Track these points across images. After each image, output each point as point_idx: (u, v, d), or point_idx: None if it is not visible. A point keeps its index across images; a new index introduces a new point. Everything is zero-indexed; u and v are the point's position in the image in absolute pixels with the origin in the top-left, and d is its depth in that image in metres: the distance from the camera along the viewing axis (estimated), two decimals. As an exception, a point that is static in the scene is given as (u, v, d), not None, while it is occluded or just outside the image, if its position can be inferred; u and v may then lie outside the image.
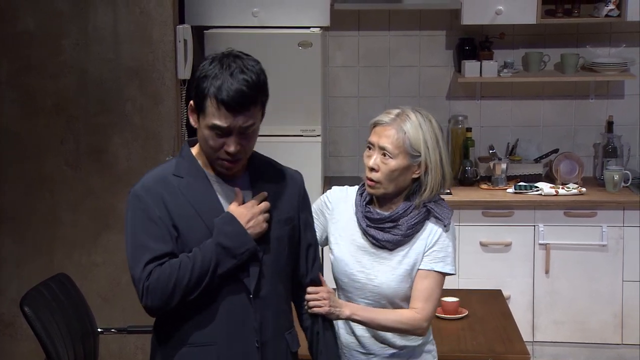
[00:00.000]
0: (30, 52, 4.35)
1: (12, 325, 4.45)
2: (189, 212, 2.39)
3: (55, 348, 3.35)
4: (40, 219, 4.43)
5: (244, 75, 2.32)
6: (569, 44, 5.39)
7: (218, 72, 2.32)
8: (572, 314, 5.07)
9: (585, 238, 5.02)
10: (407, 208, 2.72)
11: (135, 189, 2.43)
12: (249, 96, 2.33)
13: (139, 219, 2.39)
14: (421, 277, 2.71)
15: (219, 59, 2.36)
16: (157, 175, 2.44)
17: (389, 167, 2.67)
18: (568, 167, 5.33)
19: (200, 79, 2.34)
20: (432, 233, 2.73)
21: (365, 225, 2.73)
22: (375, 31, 5.46)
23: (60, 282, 3.64)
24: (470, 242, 5.05)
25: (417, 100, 5.51)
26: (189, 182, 2.42)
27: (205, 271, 2.34)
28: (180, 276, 2.33)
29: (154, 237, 2.36)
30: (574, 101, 5.48)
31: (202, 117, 2.35)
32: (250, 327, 2.42)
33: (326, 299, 2.57)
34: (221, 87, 2.30)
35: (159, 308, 2.38)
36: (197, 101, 2.36)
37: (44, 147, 4.40)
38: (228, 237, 2.35)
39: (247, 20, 4.89)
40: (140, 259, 2.36)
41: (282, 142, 4.84)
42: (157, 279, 2.34)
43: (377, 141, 2.69)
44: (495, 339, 3.45)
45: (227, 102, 2.31)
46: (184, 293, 2.35)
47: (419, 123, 2.69)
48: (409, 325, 2.69)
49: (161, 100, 4.38)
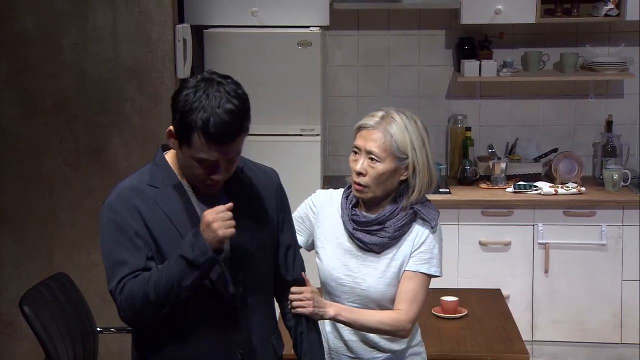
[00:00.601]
0: (30, 52, 4.35)
1: (11, 325, 4.45)
2: (166, 225, 2.33)
3: (55, 348, 3.35)
4: (40, 219, 4.43)
5: (230, 105, 2.24)
6: (568, 43, 5.39)
7: (205, 104, 2.23)
8: (571, 314, 5.07)
9: (584, 237, 5.01)
10: (394, 210, 2.69)
11: (109, 200, 2.36)
12: (236, 127, 2.25)
13: (115, 233, 2.32)
14: (407, 279, 2.69)
15: (203, 88, 2.25)
16: (132, 186, 2.37)
17: (377, 171, 2.65)
18: (568, 166, 5.32)
19: (185, 112, 2.24)
20: (419, 235, 2.71)
21: (352, 229, 2.71)
22: (375, 31, 5.46)
23: (59, 282, 3.64)
24: (469, 242, 5.04)
25: (417, 99, 5.50)
26: (165, 194, 2.35)
27: (171, 285, 2.27)
28: (147, 291, 2.28)
29: (129, 251, 2.31)
30: (574, 101, 5.48)
31: (188, 148, 2.27)
32: (232, 339, 2.38)
33: (310, 300, 2.55)
34: (209, 121, 2.22)
35: (134, 322, 2.35)
36: (182, 133, 2.26)
37: (44, 147, 4.40)
38: (190, 249, 2.27)
39: (246, 20, 4.89)
40: (117, 274, 2.32)
41: (281, 142, 4.84)
42: (128, 294, 2.29)
43: (364, 145, 2.66)
44: (494, 338, 3.45)
45: (216, 137, 2.23)
46: (154, 307, 2.29)
47: (405, 125, 2.66)
48: (393, 327, 2.67)
49: (160, 100, 4.37)
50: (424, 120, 5.79)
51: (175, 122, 2.28)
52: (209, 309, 2.36)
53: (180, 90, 2.30)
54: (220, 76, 2.30)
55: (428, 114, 5.53)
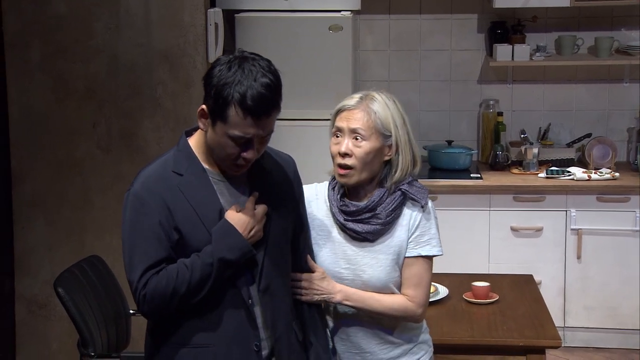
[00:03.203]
0: (62, 36, 4.37)
1: (46, 307, 4.50)
2: (190, 214, 2.32)
3: (89, 329, 3.39)
4: (72, 203, 4.47)
5: (265, 78, 2.24)
6: (603, 27, 5.33)
7: (241, 77, 2.22)
8: (603, 300, 5.03)
9: (617, 223, 4.97)
10: (382, 195, 2.63)
11: (134, 188, 2.34)
12: (272, 101, 2.25)
13: (138, 223, 2.31)
14: (409, 265, 2.65)
15: (237, 63, 2.25)
16: (157, 174, 2.35)
17: (364, 149, 2.58)
18: (601, 151, 5.27)
19: (221, 86, 2.23)
20: (412, 218, 2.65)
21: (343, 220, 2.64)
22: (406, 14, 5.43)
23: (92, 264, 3.67)
24: (501, 227, 5.02)
25: (448, 84, 5.47)
26: (189, 181, 2.34)
27: (204, 281, 2.28)
28: (177, 286, 2.28)
29: (152, 242, 2.29)
30: (608, 85, 5.41)
31: (222, 125, 2.26)
32: (248, 329, 2.37)
33: (307, 289, 2.54)
34: (246, 94, 2.21)
35: (156, 316, 2.35)
36: (217, 109, 2.25)
37: (76, 131, 4.43)
38: (230, 250, 2.29)
39: (277, 4, 4.88)
40: (138, 266, 2.30)
41: (311, 126, 4.83)
42: (154, 289, 2.28)
43: (347, 125, 2.59)
44: (526, 324, 3.43)
45: (253, 109, 2.22)
46: (180, 302, 2.30)
47: (385, 102, 2.61)
48: (402, 312, 2.64)
49: (192, 84, 4.38)
50: (456, 104, 5.80)
51: (210, 99, 2.27)
52: (229, 297, 2.36)
53: (212, 67, 2.30)
54: (251, 53, 2.31)
55: (459, 99, 5.50)
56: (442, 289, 3.68)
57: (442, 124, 5.54)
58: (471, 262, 4.91)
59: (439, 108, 5.53)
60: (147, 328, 2.46)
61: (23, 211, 4.47)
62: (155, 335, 2.41)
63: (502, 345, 3.31)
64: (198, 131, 2.40)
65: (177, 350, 2.36)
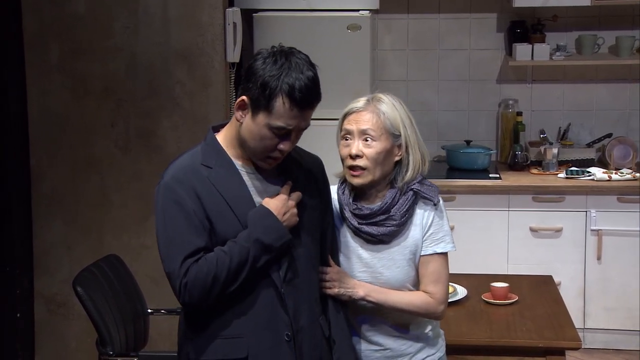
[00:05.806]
0: (81, 36, 4.38)
1: (64, 305, 4.52)
2: (221, 205, 2.34)
3: (107, 328, 3.39)
4: (90, 201, 4.48)
5: (310, 72, 2.32)
6: (624, 26, 5.28)
7: (289, 70, 2.29)
8: (623, 301, 4.99)
9: (638, 224, 4.93)
10: (394, 196, 2.63)
11: (165, 180, 2.37)
12: (317, 93, 2.33)
13: (173, 213, 2.33)
14: (425, 263, 2.66)
15: (282, 57, 2.32)
16: (187, 166, 2.39)
17: (375, 149, 2.59)
18: (622, 151, 5.23)
19: (268, 77, 2.28)
20: (425, 216, 2.66)
21: (357, 223, 2.64)
22: (425, 14, 5.41)
23: (111, 263, 3.68)
24: (520, 228, 4.99)
25: (467, 84, 5.45)
26: (219, 173, 2.37)
27: (242, 266, 2.32)
28: (218, 272, 2.30)
29: (188, 231, 2.32)
30: (629, 85, 5.37)
31: (265, 115, 2.30)
32: (280, 319, 2.39)
33: (335, 280, 2.55)
34: (294, 85, 2.28)
35: (197, 304, 2.35)
36: (262, 100, 2.30)
37: (94, 130, 4.44)
38: (267, 232, 2.32)
39: (296, 4, 4.87)
40: (176, 256, 2.32)
41: (329, 126, 4.78)
42: (195, 277, 2.30)
43: (356, 127, 2.61)
44: (545, 325, 3.40)
45: (300, 101, 2.29)
46: (222, 288, 2.32)
47: (392, 103, 2.64)
48: (424, 309, 2.65)
49: (210, 84, 4.38)
50: (475, 104, 5.77)
51: (254, 90, 2.31)
52: (260, 289, 2.38)
53: (254, 60, 2.34)
54: (290, 48, 2.37)
55: (478, 98, 5.47)
56: (461, 290, 3.66)
57: (461, 124, 5.51)
58: (490, 262, 4.89)
59: (457, 108, 5.51)
60: (179, 320, 2.48)
61: (42, 210, 4.49)
62: (189, 325, 2.44)
63: (521, 347, 3.29)
64: (226, 126, 2.44)
65: (211, 342, 2.39)
